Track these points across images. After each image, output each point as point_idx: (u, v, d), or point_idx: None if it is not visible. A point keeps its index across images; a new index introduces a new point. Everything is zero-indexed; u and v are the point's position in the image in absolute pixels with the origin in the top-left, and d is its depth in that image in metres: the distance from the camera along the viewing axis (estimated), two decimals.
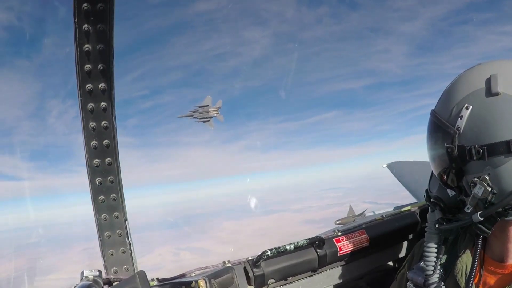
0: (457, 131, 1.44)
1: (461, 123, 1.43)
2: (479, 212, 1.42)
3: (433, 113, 1.58)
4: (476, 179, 1.42)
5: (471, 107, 1.42)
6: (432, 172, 1.68)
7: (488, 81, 1.41)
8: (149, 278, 1.77)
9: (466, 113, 1.43)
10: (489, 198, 1.40)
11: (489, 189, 1.39)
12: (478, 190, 1.41)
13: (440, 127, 1.51)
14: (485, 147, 1.37)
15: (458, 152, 1.44)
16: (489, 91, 1.40)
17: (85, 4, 1.50)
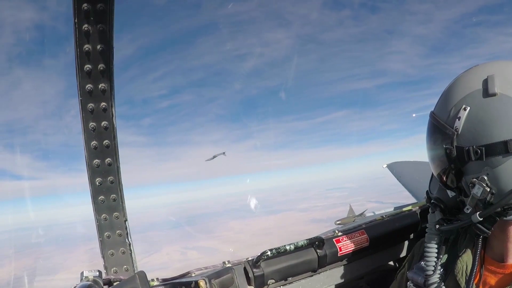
0: (456, 132, 1.44)
1: (459, 124, 1.44)
2: (478, 213, 1.42)
3: (432, 115, 1.58)
4: (475, 179, 1.42)
5: (468, 108, 1.42)
6: (432, 173, 1.68)
7: (485, 82, 1.41)
8: (149, 278, 1.77)
9: (464, 114, 1.43)
10: (488, 198, 1.40)
11: (488, 189, 1.39)
12: (477, 191, 1.41)
13: (439, 129, 1.52)
14: (483, 148, 1.37)
15: (456, 153, 1.44)
16: (486, 92, 1.40)
17: (85, 4, 1.50)
